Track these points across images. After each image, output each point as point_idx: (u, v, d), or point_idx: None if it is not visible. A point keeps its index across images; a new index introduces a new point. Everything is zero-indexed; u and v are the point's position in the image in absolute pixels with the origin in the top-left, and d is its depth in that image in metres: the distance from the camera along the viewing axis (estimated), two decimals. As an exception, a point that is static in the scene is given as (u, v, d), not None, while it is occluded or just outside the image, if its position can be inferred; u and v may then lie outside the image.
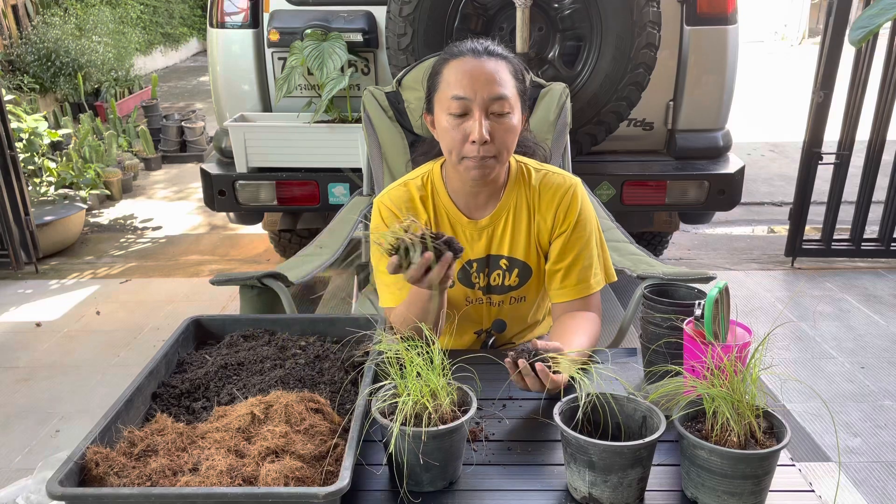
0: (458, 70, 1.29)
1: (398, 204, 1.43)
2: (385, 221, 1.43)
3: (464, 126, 1.29)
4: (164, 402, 1.14)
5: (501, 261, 1.44)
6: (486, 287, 1.46)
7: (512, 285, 1.46)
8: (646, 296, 1.24)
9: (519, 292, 1.47)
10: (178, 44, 11.90)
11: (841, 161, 3.43)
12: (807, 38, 13.69)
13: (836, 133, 3.41)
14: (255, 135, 2.72)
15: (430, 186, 1.45)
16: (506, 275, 1.45)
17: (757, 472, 0.91)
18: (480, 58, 1.30)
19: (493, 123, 1.28)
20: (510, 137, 1.31)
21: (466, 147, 1.30)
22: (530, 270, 1.45)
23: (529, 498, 0.98)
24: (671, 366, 1.04)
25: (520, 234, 1.43)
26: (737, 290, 3.37)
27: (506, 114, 1.29)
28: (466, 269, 1.45)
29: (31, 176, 4.45)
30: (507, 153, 1.32)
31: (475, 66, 1.28)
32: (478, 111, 1.27)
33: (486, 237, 1.44)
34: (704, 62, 2.76)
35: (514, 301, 1.47)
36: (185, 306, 3.34)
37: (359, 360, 1.22)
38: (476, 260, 1.44)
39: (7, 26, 7.09)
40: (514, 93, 1.31)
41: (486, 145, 1.28)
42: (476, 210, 1.44)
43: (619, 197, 2.75)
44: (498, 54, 1.32)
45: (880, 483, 2.11)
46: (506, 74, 1.30)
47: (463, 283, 1.46)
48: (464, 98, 1.28)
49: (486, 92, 1.27)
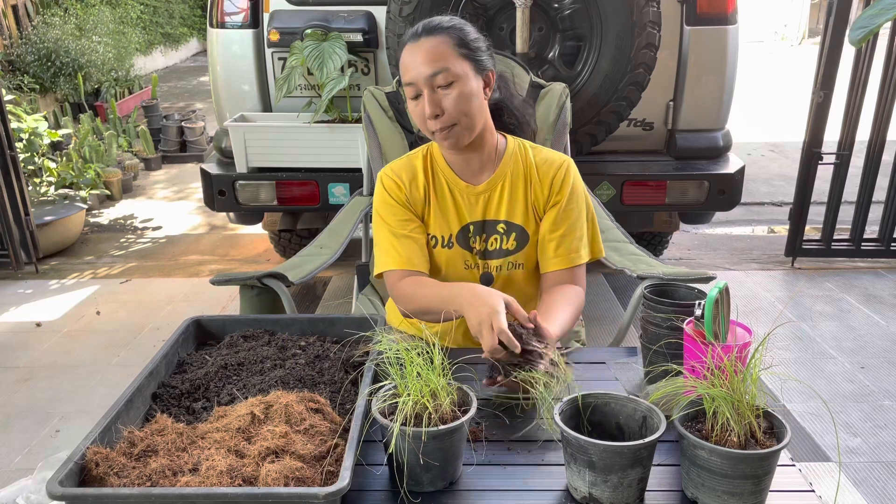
0: (405, 57, 1.39)
1: (399, 172, 1.51)
2: (387, 191, 1.50)
3: (421, 106, 1.37)
4: (164, 402, 1.14)
5: (499, 225, 1.50)
6: (483, 252, 1.52)
7: (510, 249, 1.51)
8: (646, 296, 1.24)
9: (516, 258, 1.51)
10: (178, 44, 11.91)
11: (841, 161, 3.42)
12: (807, 38, 13.69)
13: (836, 133, 3.41)
14: (255, 135, 2.72)
15: (430, 157, 1.53)
16: (503, 238, 1.51)
17: (757, 472, 0.91)
18: (418, 40, 1.37)
19: (442, 96, 1.36)
20: (462, 103, 1.36)
21: (428, 123, 1.38)
22: (527, 236, 1.51)
23: (529, 498, 0.98)
24: (671, 366, 1.04)
25: (517, 200, 1.50)
26: (737, 290, 3.37)
27: (449, 84, 1.35)
28: (466, 231, 1.50)
29: (31, 176, 4.45)
30: (467, 118, 1.38)
31: (413, 51, 1.37)
32: (425, 90, 1.36)
33: (482, 202, 1.50)
34: (704, 62, 2.76)
35: (512, 266, 1.52)
36: (185, 306, 3.34)
37: (359, 360, 1.22)
38: (473, 223, 1.50)
39: (7, 26, 7.09)
40: (458, 60, 1.36)
41: (440, 118, 1.36)
42: (472, 176, 1.50)
43: (619, 197, 2.75)
44: (435, 29, 1.37)
45: (880, 483, 2.11)
46: (444, 47, 1.35)
47: (462, 246, 1.51)
48: (410, 83, 1.37)
49: (425, 70, 1.34)
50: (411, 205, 1.50)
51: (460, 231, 1.50)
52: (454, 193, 1.50)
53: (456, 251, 1.50)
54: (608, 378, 1.32)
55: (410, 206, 1.49)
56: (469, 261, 1.51)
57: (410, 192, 1.50)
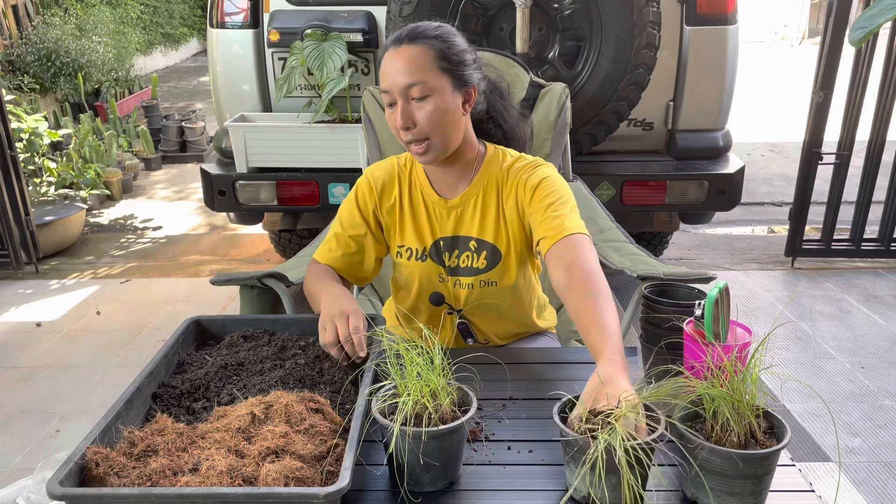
0: (383, 63, 1.35)
1: (378, 176, 1.49)
2: (357, 194, 1.49)
3: (395, 115, 1.34)
4: (165, 402, 1.14)
5: (470, 242, 1.46)
6: (453, 268, 1.48)
7: (479, 268, 1.47)
8: (646, 296, 1.24)
9: (488, 276, 1.47)
10: (178, 44, 11.90)
11: (841, 161, 3.42)
12: (807, 38, 13.69)
13: (836, 133, 3.41)
14: (255, 135, 2.72)
15: (410, 164, 1.50)
16: (474, 256, 1.47)
17: (757, 472, 0.91)
18: (399, 47, 1.33)
19: (416, 108, 1.32)
20: (434, 118, 1.32)
21: (401, 133, 1.35)
22: (500, 255, 1.46)
23: (529, 498, 0.98)
24: (671, 366, 1.04)
25: (488, 216, 1.45)
26: (737, 290, 3.37)
27: (424, 98, 1.31)
28: (437, 246, 1.48)
29: (32, 176, 4.45)
30: (439, 135, 1.34)
31: (391, 58, 1.33)
32: (399, 99, 1.32)
33: (454, 217, 1.46)
34: (704, 62, 2.76)
35: (484, 284, 1.48)
36: (185, 306, 3.34)
37: (359, 360, 1.22)
38: (443, 238, 1.47)
39: (7, 26, 7.09)
40: (436, 74, 1.31)
41: (411, 130, 1.33)
42: (447, 189, 1.46)
43: (619, 197, 2.75)
44: (416, 38, 1.33)
45: (880, 483, 2.11)
46: (423, 59, 1.31)
47: (435, 261, 1.48)
48: (386, 91, 1.34)
49: (400, 80, 1.31)
50: (377, 213, 1.48)
51: (433, 245, 1.47)
52: (428, 206, 1.47)
53: (429, 265, 1.47)
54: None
55: (372, 215, 1.48)
56: (443, 274, 1.49)
57: (380, 200, 1.48)
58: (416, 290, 1.51)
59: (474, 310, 1.51)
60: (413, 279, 1.50)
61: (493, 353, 1.37)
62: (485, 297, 1.49)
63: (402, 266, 1.51)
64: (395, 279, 1.60)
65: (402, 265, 1.50)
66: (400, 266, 1.51)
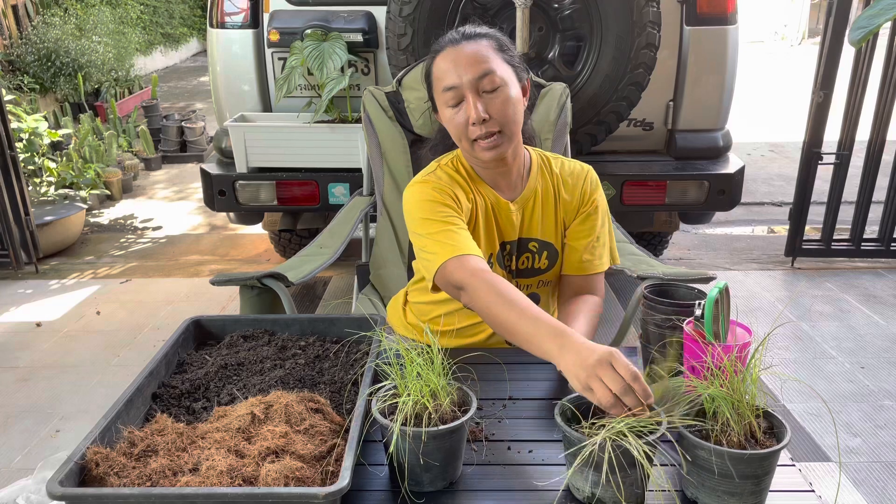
0: (443, 63, 1.33)
1: (442, 181, 1.39)
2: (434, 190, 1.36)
3: (462, 112, 1.32)
4: (165, 402, 1.14)
5: (531, 244, 1.47)
6: (515, 271, 1.48)
7: (541, 268, 1.48)
8: (646, 296, 1.24)
9: (547, 276, 1.49)
10: (178, 44, 11.90)
11: (841, 161, 3.42)
12: (807, 38, 13.69)
13: (836, 133, 3.41)
14: (255, 135, 2.72)
15: (464, 171, 1.44)
16: (535, 257, 1.48)
17: (757, 472, 0.91)
18: (459, 44, 1.33)
19: (488, 100, 1.31)
20: (509, 109, 1.31)
21: (470, 129, 1.32)
22: (557, 254, 1.48)
23: (529, 498, 0.98)
24: (671, 365, 1.04)
25: (549, 217, 1.46)
26: (737, 290, 3.37)
27: (497, 88, 1.30)
28: (503, 250, 1.47)
29: (32, 176, 4.45)
30: (512, 125, 1.33)
31: (456, 54, 1.32)
32: (469, 94, 1.30)
33: (517, 219, 1.45)
34: (704, 62, 2.76)
35: (542, 285, 1.50)
36: (185, 306, 3.34)
37: (359, 360, 1.22)
38: (509, 241, 1.46)
39: (7, 26, 7.09)
40: (502, 65, 1.32)
41: (486, 122, 1.30)
42: (506, 192, 1.45)
43: (619, 197, 2.75)
44: (475, 35, 1.34)
45: (880, 483, 2.11)
46: (488, 51, 1.32)
47: (500, 266, 1.47)
48: (453, 87, 1.31)
49: (471, 73, 1.29)
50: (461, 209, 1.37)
51: (500, 248, 1.46)
52: (495, 210, 1.44)
53: (496, 271, 1.43)
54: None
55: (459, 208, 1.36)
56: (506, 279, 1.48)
57: (459, 201, 1.37)
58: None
59: None
60: None
61: (494, 353, 1.37)
62: (538, 299, 1.50)
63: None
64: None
65: None
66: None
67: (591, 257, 1.45)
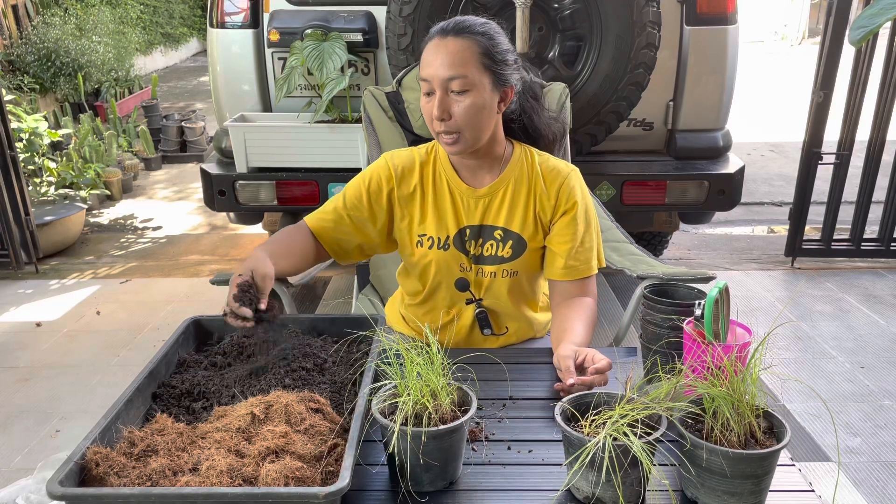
0: (426, 52, 1.36)
1: (398, 164, 1.50)
2: (372, 175, 1.50)
3: (431, 104, 1.35)
4: (164, 402, 1.14)
5: (496, 231, 1.48)
6: (477, 256, 1.50)
7: (504, 256, 1.49)
8: (646, 296, 1.24)
9: (512, 265, 1.50)
10: (178, 44, 11.90)
11: (841, 161, 3.43)
12: (807, 38, 13.69)
13: (836, 133, 3.41)
14: (255, 135, 2.72)
15: (434, 154, 1.51)
16: (499, 245, 1.49)
17: (757, 472, 0.91)
18: (445, 38, 1.34)
19: (454, 101, 1.34)
20: (471, 114, 1.34)
21: (435, 122, 1.36)
22: (524, 245, 1.49)
23: (529, 498, 0.98)
24: (671, 365, 1.04)
25: (517, 207, 1.47)
26: (737, 290, 3.37)
27: (463, 92, 1.33)
28: (462, 234, 1.49)
29: (32, 176, 4.45)
30: (474, 130, 1.36)
31: (437, 48, 1.34)
32: (438, 90, 1.34)
33: (482, 206, 1.48)
34: (704, 62, 2.76)
35: (507, 273, 1.50)
36: (185, 306, 3.34)
37: (359, 360, 1.22)
38: (470, 226, 1.49)
39: (7, 26, 7.09)
40: (479, 71, 1.33)
41: (446, 121, 1.34)
42: (474, 179, 1.49)
43: (619, 197, 2.75)
44: (466, 30, 1.34)
45: (880, 483, 2.11)
46: (468, 53, 1.33)
47: (458, 249, 1.49)
48: (426, 79, 1.35)
49: (443, 72, 1.32)
50: (391, 199, 1.49)
51: (457, 233, 1.48)
52: (454, 195, 1.48)
53: (451, 253, 1.49)
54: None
55: (386, 201, 1.49)
56: (464, 264, 1.50)
57: (398, 186, 1.49)
58: (433, 280, 1.51)
59: (494, 300, 1.53)
60: (430, 269, 1.50)
61: (493, 353, 1.37)
62: (504, 287, 1.51)
63: (419, 256, 1.50)
64: (404, 271, 1.60)
65: (420, 255, 1.50)
66: (417, 256, 1.51)
67: (576, 263, 1.45)
